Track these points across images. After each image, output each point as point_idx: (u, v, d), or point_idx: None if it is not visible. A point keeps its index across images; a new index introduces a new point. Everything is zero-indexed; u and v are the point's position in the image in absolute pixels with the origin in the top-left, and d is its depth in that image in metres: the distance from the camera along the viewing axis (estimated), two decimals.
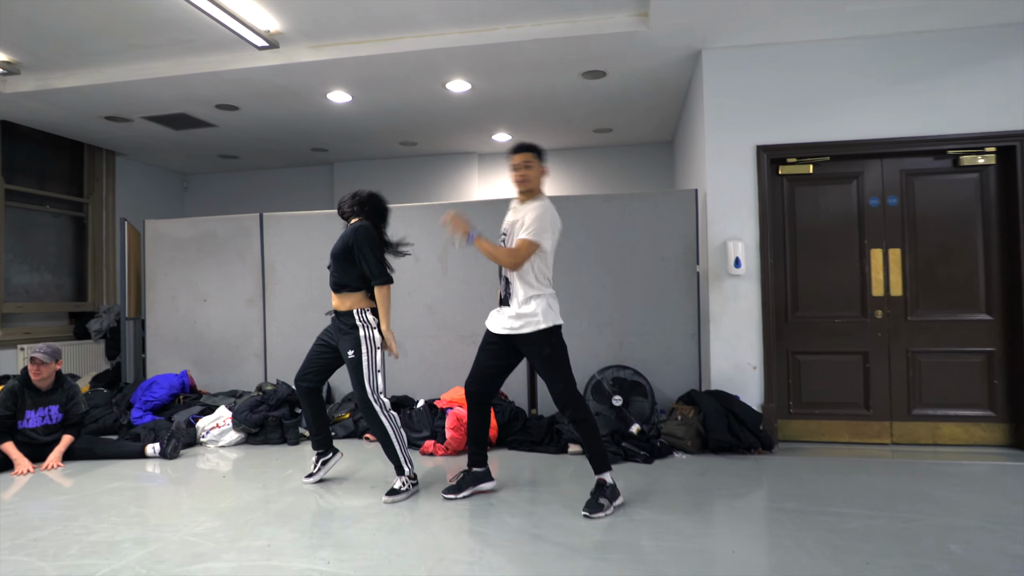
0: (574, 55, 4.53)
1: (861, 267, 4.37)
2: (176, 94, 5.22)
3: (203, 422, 4.53)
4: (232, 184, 8.40)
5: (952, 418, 4.26)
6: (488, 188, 7.64)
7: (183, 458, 4.15)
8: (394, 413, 3.27)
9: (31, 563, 2.49)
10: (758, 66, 4.37)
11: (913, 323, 4.30)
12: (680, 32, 4.16)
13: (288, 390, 4.79)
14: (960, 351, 4.25)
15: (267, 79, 4.93)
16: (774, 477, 3.54)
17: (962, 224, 4.25)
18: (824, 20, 4.01)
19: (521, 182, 3.03)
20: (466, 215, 3.12)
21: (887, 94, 4.23)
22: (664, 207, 4.57)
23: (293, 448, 4.39)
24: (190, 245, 5.50)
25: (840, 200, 4.39)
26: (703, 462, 3.85)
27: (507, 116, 6.08)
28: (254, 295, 5.36)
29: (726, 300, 4.41)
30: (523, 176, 3.02)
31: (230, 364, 5.39)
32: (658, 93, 5.44)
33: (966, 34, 4.12)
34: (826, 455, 4.07)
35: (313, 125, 6.23)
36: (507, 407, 4.42)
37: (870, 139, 4.25)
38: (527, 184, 3.03)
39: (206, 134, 6.47)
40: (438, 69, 4.79)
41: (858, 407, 4.37)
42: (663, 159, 7.25)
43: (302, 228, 5.24)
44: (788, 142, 4.34)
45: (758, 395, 4.37)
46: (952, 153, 4.23)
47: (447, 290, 4.92)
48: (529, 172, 3.02)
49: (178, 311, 5.51)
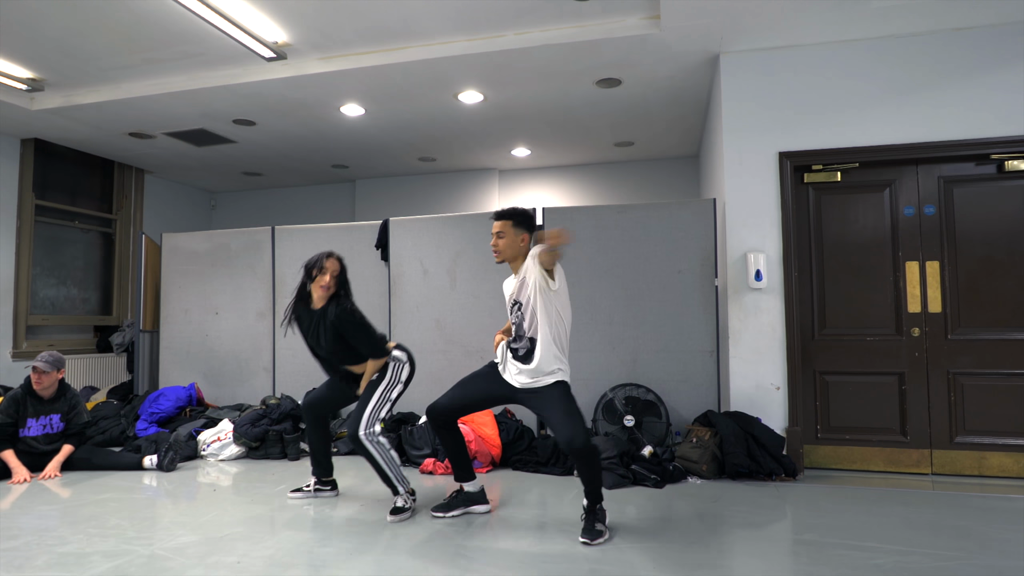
0: (585, 61, 4.40)
1: (895, 281, 4.05)
2: (193, 109, 5.29)
3: (204, 435, 4.46)
4: (257, 202, 8.50)
5: (1000, 447, 3.86)
6: (509, 203, 7.52)
7: (180, 471, 4.07)
8: (382, 440, 3.11)
9: None
10: (779, 69, 4.16)
11: (954, 342, 3.95)
12: (695, 35, 3.99)
13: (292, 404, 4.69)
14: (1008, 373, 3.87)
15: (279, 92, 4.94)
16: (795, 506, 3.23)
17: (1008, 235, 3.91)
18: (849, 19, 3.79)
19: (495, 254, 2.91)
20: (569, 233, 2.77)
21: (922, 95, 3.95)
22: (681, 218, 4.36)
23: (293, 464, 4.27)
24: (204, 258, 5.51)
25: (871, 210, 4.10)
26: (718, 488, 3.56)
27: (524, 129, 5.98)
28: (264, 308, 5.32)
29: (747, 315, 4.14)
30: (494, 246, 2.90)
31: (239, 378, 5.34)
32: (678, 103, 5.25)
33: (1010, 29, 3.83)
34: (856, 484, 3.72)
35: (330, 140, 6.25)
36: (512, 425, 4.22)
37: (903, 144, 3.96)
38: (500, 256, 2.90)
39: (228, 151, 6.55)
40: (447, 79, 4.72)
41: (894, 433, 4.01)
42: (689, 173, 7.02)
43: (314, 241, 5.20)
44: (813, 148, 4.09)
45: (782, 418, 4.06)
46: (996, 158, 3.91)
47: (456, 304, 4.78)
48: (500, 242, 2.88)
49: (191, 324, 5.51)
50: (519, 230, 2.89)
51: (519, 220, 2.90)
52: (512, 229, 2.88)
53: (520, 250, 2.91)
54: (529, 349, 2.83)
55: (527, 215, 2.93)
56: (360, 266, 5.02)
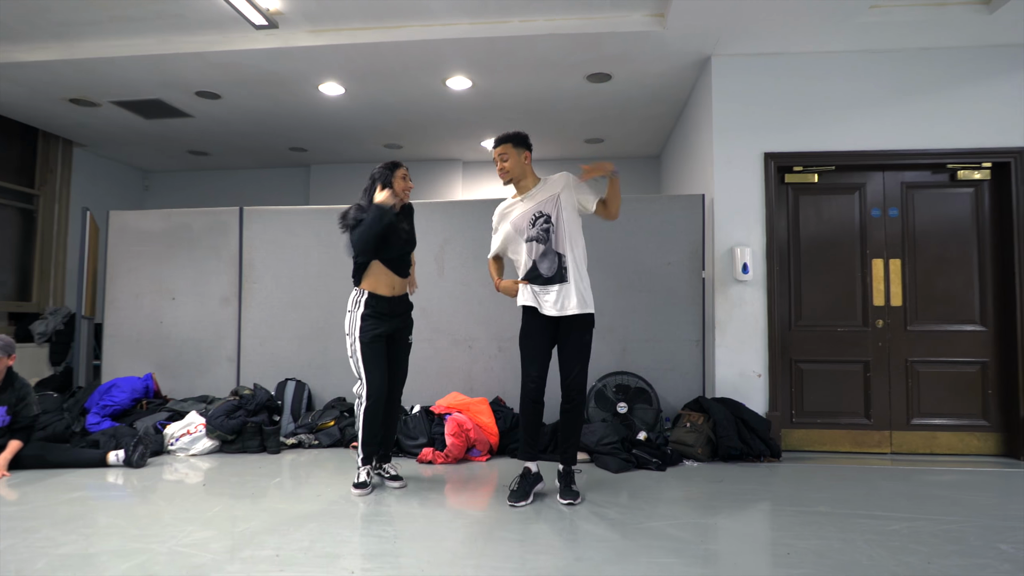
0: (584, 54, 4.46)
1: (863, 277, 4.40)
2: (154, 77, 4.88)
3: (172, 428, 4.12)
4: (198, 184, 7.95)
5: (948, 427, 4.28)
6: (471, 195, 7.48)
7: (149, 467, 3.74)
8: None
9: None
10: (766, 74, 4.40)
11: (912, 333, 4.34)
12: (694, 36, 4.15)
13: (267, 395, 4.44)
14: (956, 361, 4.31)
15: (258, 64, 4.66)
16: (794, 483, 3.43)
17: (958, 237, 4.34)
18: (834, 31, 4.07)
19: (503, 175, 3.07)
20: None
21: (890, 107, 4.32)
22: (670, 212, 4.51)
23: (274, 457, 4.04)
24: (160, 239, 5.09)
25: (843, 210, 4.43)
26: (716, 470, 3.72)
27: (500, 120, 5.96)
28: (230, 294, 4.99)
29: (732, 306, 4.35)
30: (502, 169, 3.07)
31: (199, 368, 4.97)
32: (658, 102, 5.44)
33: (966, 52, 4.26)
34: (832, 463, 4.00)
35: (297, 120, 5.96)
36: (508, 413, 4.20)
37: (873, 150, 4.31)
38: (508, 175, 3.07)
39: (179, 125, 6.09)
40: (442, 62, 4.64)
41: (859, 416, 4.35)
42: (650, 173, 7.27)
43: (285, 224, 4.93)
44: (794, 150, 4.36)
45: (763, 403, 4.30)
46: (951, 167, 4.33)
47: (443, 292, 4.69)
48: (507, 164, 3.05)
49: (142, 309, 5.07)
50: (520, 149, 3.07)
51: (518, 141, 3.07)
52: (514, 150, 3.05)
53: (525, 169, 3.08)
54: (559, 266, 2.94)
55: (524, 136, 3.10)
56: (339, 251, 4.82)
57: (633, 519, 2.73)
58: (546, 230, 2.98)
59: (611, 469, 3.62)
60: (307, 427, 4.39)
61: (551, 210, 2.99)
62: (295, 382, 4.71)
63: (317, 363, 4.82)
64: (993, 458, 4.18)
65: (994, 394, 4.26)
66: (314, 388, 4.79)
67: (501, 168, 3.06)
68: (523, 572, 2.16)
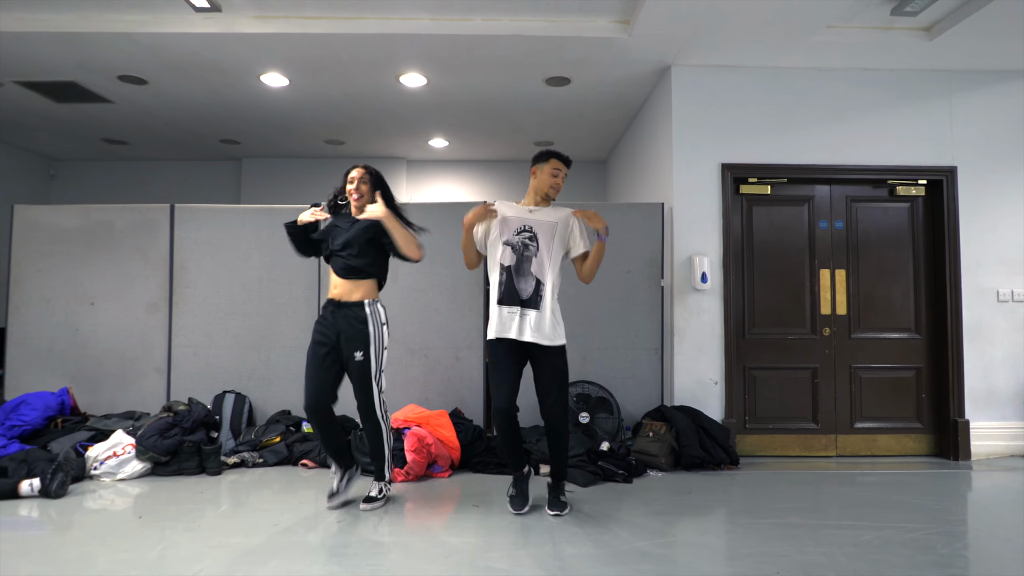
0: (545, 57, 4.37)
1: (811, 286, 4.55)
2: (72, 57, 4.38)
3: (95, 451, 3.70)
4: (113, 176, 7.27)
5: (887, 430, 4.51)
6: (416, 195, 7.25)
7: (70, 496, 3.33)
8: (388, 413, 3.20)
9: None
10: (723, 86, 4.47)
11: (855, 341, 4.54)
12: (656, 44, 4.14)
13: (204, 411, 4.07)
14: (894, 367, 4.54)
15: (193, 50, 4.27)
16: (759, 492, 3.49)
17: (896, 249, 4.58)
18: (790, 48, 4.18)
19: (554, 192, 3.12)
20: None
21: (837, 123, 4.49)
22: (630, 220, 4.50)
23: (215, 479, 3.70)
24: (76, 238, 4.58)
25: (793, 221, 4.57)
26: (681, 480, 3.74)
27: (452, 120, 5.79)
28: (159, 299, 4.56)
29: (690, 315, 4.39)
30: (556, 187, 3.11)
31: (123, 380, 4.51)
32: (612, 108, 5.43)
33: (907, 75, 4.49)
34: (786, 468, 4.12)
35: (231, 111, 5.54)
36: (469, 426, 4.05)
37: (821, 164, 4.47)
38: (557, 193, 3.16)
39: (95, 111, 5.52)
40: (397, 58, 4.42)
41: (807, 421, 4.50)
42: (596, 177, 7.29)
43: (223, 224, 4.56)
44: (750, 162, 4.45)
45: (719, 410, 4.37)
46: (891, 183, 4.56)
47: (396, 298, 4.47)
48: (560, 183, 3.13)
49: (54, 316, 4.54)
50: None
51: (570, 165, 3.18)
52: (565, 171, 3.14)
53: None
54: (535, 292, 2.95)
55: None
56: (283, 254, 4.49)
57: (615, 540, 2.66)
58: (525, 245, 3.00)
59: (579, 483, 3.55)
60: (250, 444, 4.07)
61: (542, 233, 3.01)
62: (234, 395, 4.36)
63: (259, 374, 4.49)
64: (927, 458, 4.44)
65: (927, 399, 4.52)
66: (255, 401, 4.45)
67: (556, 185, 3.10)
68: None
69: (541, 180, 3.09)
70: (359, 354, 2.99)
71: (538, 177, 3.10)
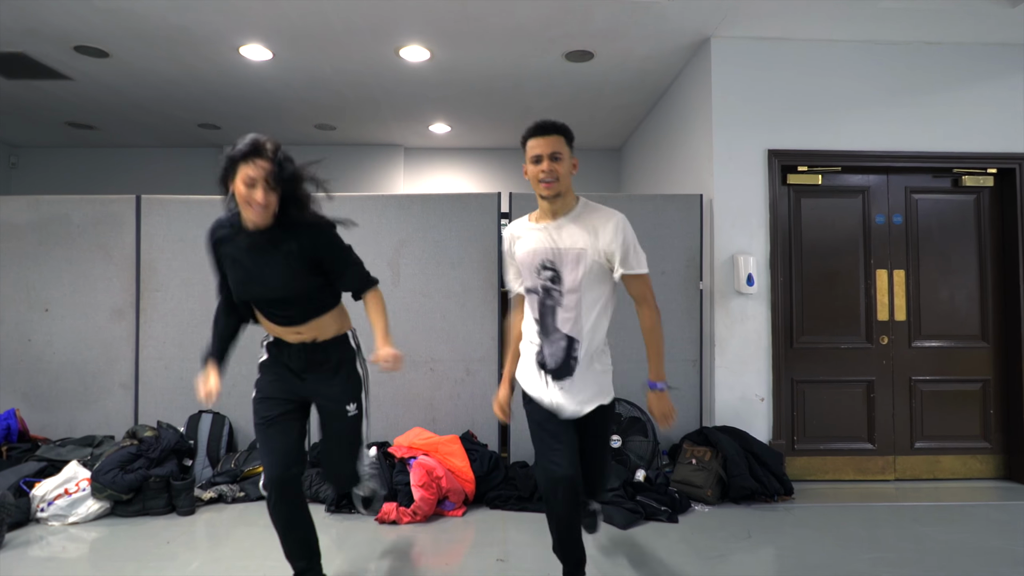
0: (568, 26, 3.80)
1: (866, 288, 4.04)
2: (18, 22, 3.75)
3: (41, 488, 3.12)
4: (81, 164, 6.62)
5: (950, 451, 4.02)
6: (415, 186, 6.67)
7: (7, 548, 2.77)
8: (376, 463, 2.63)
9: None
10: (770, 61, 3.93)
11: (916, 350, 4.03)
12: (698, 10, 3.59)
13: (176, 436, 3.52)
14: (958, 379, 4.04)
15: (160, 15, 3.66)
16: (827, 533, 2.98)
17: (961, 246, 4.07)
18: (847, 17, 3.64)
19: (549, 182, 2.01)
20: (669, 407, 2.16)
21: (894, 105, 3.96)
22: (665, 214, 3.95)
23: (187, 519, 3.15)
24: (27, 234, 3.98)
25: (846, 215, 4.04)
26: (731, 515, 3.22)
27: (455, 101, 5.21)
28: (124, 305, 3.97)
29: (733, 322, 3.86)
30: (550, 172, 2.01)
31: (83, 398, 3.93)
32: (634, 89, 4.87)
33: (974, 49, 3.96)
34: (843, 498, 3.61)
35: (208, 90, 4.92)
36: (485, 454, 3.51)
37: (878, 151, 3.94)
38: (557, 187, 2.02)
39: (54, 89, 4.88)
40: (398, 28, 3.83)
41: (862, 440, 4.00)
42: (610, 167, 6.74)
43: (196, 218, 3.97)
44: (800, 148, 3.92)
45: (766, 430, 3.86)
46: (956, 172, 4.04)
47: (399, 304, 3.91)
48: (559, 167, 2.01)
49: (2, 324, 3.95)
50: (571, 149, 2.07)
51: (571, 136, 2.08)
52: (567, 148, 2.05)
53: (569, 182, 2.07)
54: (566, 358, 2.04)
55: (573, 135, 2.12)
56: None
57: None
58: (547, 291, 2.07)
59: (618, 524, 3.02)
60: (229, 475, 3.51)
61: (566, 267, 2.03)
62: (212, 415, 3.80)
63: (240, 391, 3.89)
64: (996, 482, 3.96)
65: (996, 415, 4.03)
66: (236, 422, 3.89)
67: (549, 170, 2.00)
68: None
69: (530, 178, 2.08)
70: (352, 407, 2.18)
71: (528, 174, 2.09)
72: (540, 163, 2.02)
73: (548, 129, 2.05)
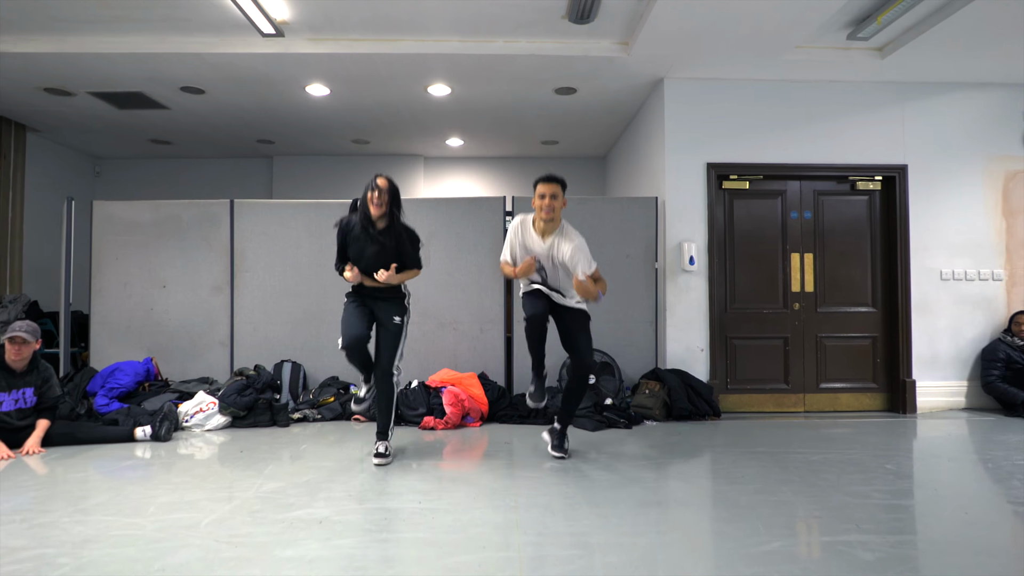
0: (556, 71, 5.08)
1: (783, 267, 5.32)
2: (143, 72, 5.04)
3: (186, 407, 4.43)
4: (152, 172, 7.92)
5: (847, 389, 5.31)
6: (432, 189, 7.95)
7: (174, 441, 4.07)
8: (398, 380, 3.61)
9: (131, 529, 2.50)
10: (708, 96, 5.20)
11: (821, 314, 5.32)
12: (651, 61, 4.86)
13: (269, 375, 4.81)
14: (853, 336, 5.33)
15: (252, 66, 4.94)
16: (735, 435, 4.27)
17: (856, 235, 5.35)
18: (765, 64, 4.91)
19: (549, 213, 3.29)
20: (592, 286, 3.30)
21: (805, 128, 5.24)
22: (630, 211, 5.24)
23: (285, 429, 4.44)
24: (149, 229, 5.28)
25: (768, 212, 5.33)
26: (672, 427, 4.51)
27: (469, 122, 6.48)
28: (222, 282, 5.26)
29: (680, 292, 5.15)
30: (550, 207, 3.29)
31: (192, 352, 5.23)
32: (612, 113, 6.15)
33: (863, 86, 5.24)
34: (761, 420, 4.91)
35: (272, 115, 6.21)
36: (494, 386, 4.81)
37: (792, 163, 5.22)
38: (552, 217, 3.31)
39: (151, 116, 6.18)
40: (428, 73, 5.12)
41: (779, 382, 5.29)
42: (596, 171, 8.02)
43: (277, 216, 5.26)
44: (731, 161, 5.20)
45: (704, 373, 5.14)
46: (852, 179, 5.32)
47: (429, 280, 5.19)
48: (555, 203, 3.29)
49: (131, 297, 5.25)
50: (563, 193, 3.35)
51: (565, 185, 3.35)
52: (562, 193, 3.34)
53: (560, 213, 3.38)
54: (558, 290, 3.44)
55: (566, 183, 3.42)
56: (329, 242, 5.18)
57: (622, 468, 3.43)
58: (547, 272, 3.44)
59: (588, 428, 4.32)
60: (309, 403, 4.81)
61: (557, 261, 3.35)
62: (291, 363, 5.09)
63: (311, 346, 5.22)
64: (880, 412, 5.24)
65: (881, 363, 5.31)
66: (309, 369, 5.18)
67: (549, 206, 3.26)
68: (572, 534, 2.80)
69: (535, 206, 3.35)
70: (396, 319, 3.47)
71: (535, 205, 3.36)
72: (544, 199, 3.33)
73: (551, 180, 3.36)
